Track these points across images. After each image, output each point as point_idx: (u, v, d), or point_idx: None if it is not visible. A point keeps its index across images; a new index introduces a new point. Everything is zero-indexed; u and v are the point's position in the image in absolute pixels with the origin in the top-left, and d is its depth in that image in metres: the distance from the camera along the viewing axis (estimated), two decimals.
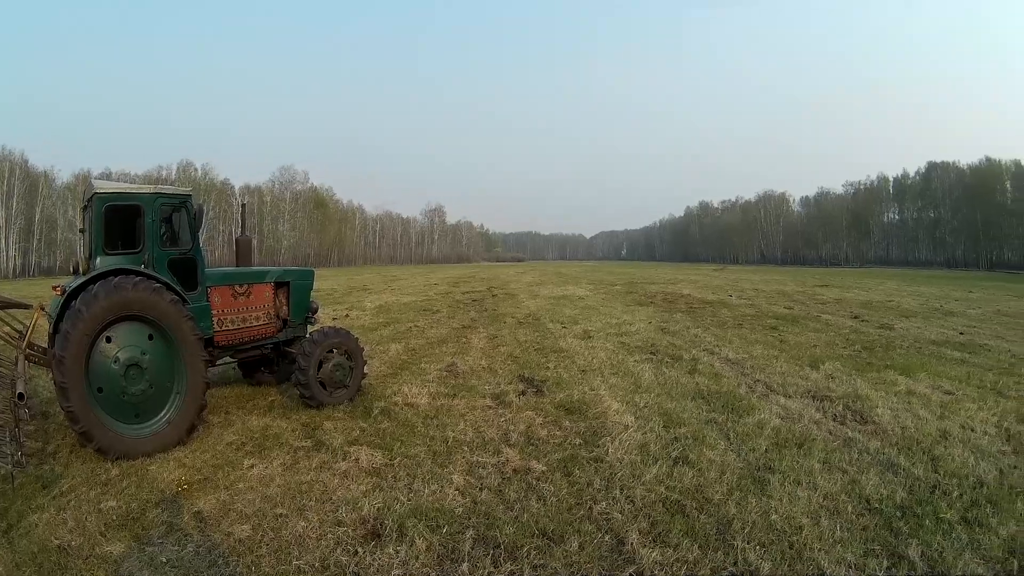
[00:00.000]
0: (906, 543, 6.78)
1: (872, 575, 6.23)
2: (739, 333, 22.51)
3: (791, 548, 6.68)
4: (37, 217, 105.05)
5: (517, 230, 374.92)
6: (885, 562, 6.45)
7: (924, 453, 9.45)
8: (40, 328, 12.42)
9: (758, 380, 14.51)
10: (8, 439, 9.59)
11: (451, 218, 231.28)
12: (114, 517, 7.93)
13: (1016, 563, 6.52)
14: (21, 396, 9.60)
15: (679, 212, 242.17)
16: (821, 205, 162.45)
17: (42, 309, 12.01)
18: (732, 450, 9.75)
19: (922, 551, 6.66)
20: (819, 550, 6.62)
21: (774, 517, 7.36)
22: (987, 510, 7.62)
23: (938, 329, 23.60)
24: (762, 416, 11.36)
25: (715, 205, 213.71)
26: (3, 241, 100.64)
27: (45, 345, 12.07)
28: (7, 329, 12.97)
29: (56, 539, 7.34)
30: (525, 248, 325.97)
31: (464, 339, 22.23)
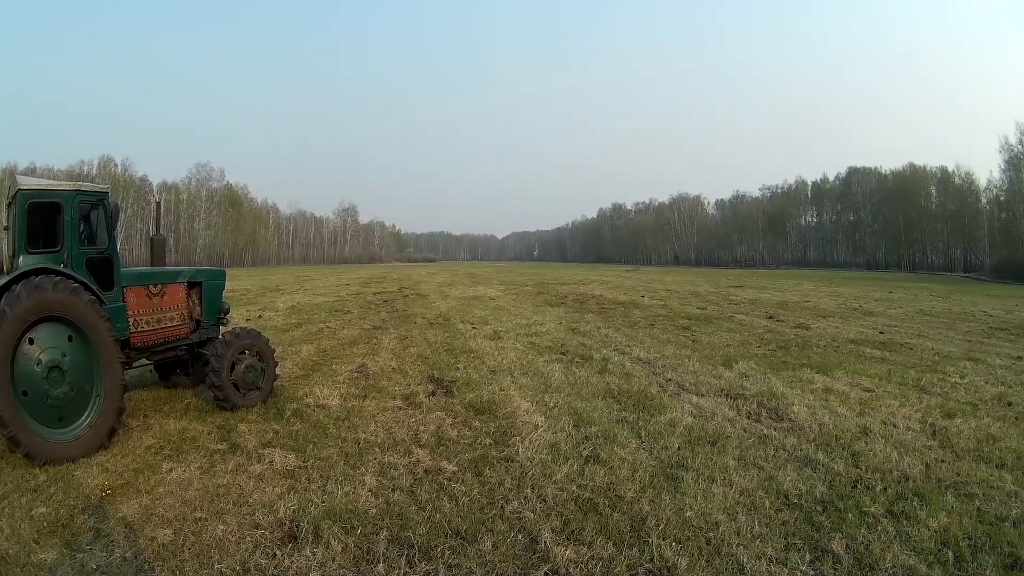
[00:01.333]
0: (829, 537, 6.84)
1: (795, 569, 6.21)
2: (651, 333, 22.88)
3: (708, 544, 6.71)
4: None
5: (429, 230, 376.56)
6: (808, 555, 6.49)
7: (844, 449, 9.59)
8: None
9: (670, 379, 14.70)
10: None
11: (364, 218, 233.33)
12: (45, 524, 7.87)
13: (951, 553, 6.60)
14: None
15: (592, 214, 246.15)
16: (736, 207, 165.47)
17: None
18: (644, 448, 9.86)
19: (846, 544, 6.72)
20: (737, 545, 6.66)
21: (689, 514, 7.40)
22: (914, 503, 7.73)
23: (857, 328, 24.14)
24: (674, 415, 11.47)
25: (628, 207, 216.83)
26: None
27: None
28: None
29: None
30: (437, 248, 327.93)
31: (375, 340, 22.43)
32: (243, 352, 12.97)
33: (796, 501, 7.73)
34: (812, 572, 6.22)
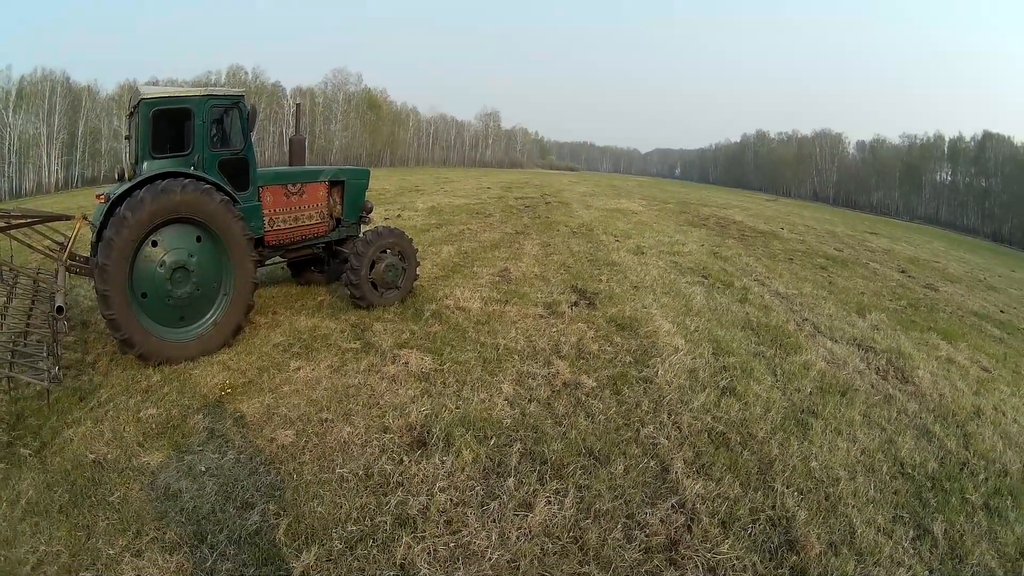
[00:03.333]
0: (932, 517, 6.79)
1: (898, 543, 6.23)
2: (789, 268, 22.15)
3: (827, 500, 6.77)
4: (80, 130, 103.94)
5: (572, 139, 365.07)
6: (911, 532, 6.50)
7: (958, 427, 9.32)
8: (83, 238, 12.33)
9: (806, 319, 14.40)
10: (45, 354, 9.45)
11: (506, 124, 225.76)
12: (153, 425, 8.01)
13: None
14: (60, 309, 9.42)
15: (735, 137, 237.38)
16: (877, 152, 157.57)
17: (84, 219, 11.83)
18: (778, 387, 9.78)
19: (945, 529, 6.65)
20: (852, 507, 6.69)
21: (814, 464, 7.45)
22: (1008, 501, 7.48)
23: (980, 301, 23.05)
24: (809, 357, 11.30)
25: (771, 135, 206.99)
26: (45, 157, 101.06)
27: (87, 255, 12.02)
28: (47, 243, 13.23)
29: (91, 453, 7.38)
30: (579, 158, 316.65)
31: (517, 245, 21.90)
32: (384, 251, 12.91)
33: (910, 472, 7.68)
34: (912, 551, 6.21)
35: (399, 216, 28.93)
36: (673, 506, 6.42)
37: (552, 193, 52.90)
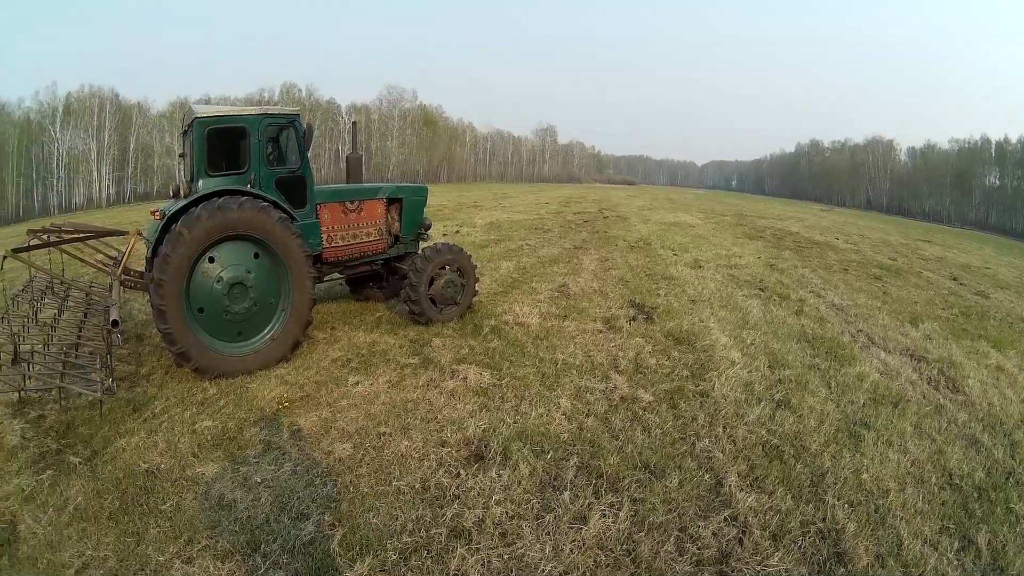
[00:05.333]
0: (977, 528, 6.65)
1: (943, 554, 6.16)
2: (844, 278, 21.98)
3: (876, 512, 6.69)
4: (132, 146, 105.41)
5: (628, 153, 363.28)
6: (956, 544, 6.37)
7: (1005, 436, 9.15)
8: (137, 253, 12.65)
9: (861, 330, 14.30)
10: (99, 366, 9.46)
11: (563, 138, 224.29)
12: (208, 437, 8.09)
13: None
14: (115, 323, 9.43)
15: (790, 147, 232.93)
16: (927, 157, 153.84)
17: (139, 234, 11.96)
18: (832, 399, 9.70)
19: (989, 539, 6.51)
20: (901, 519, 6.62)
21: (865, 476, 7.38)
22: None
23: None
24: (862, 368, 11.20)
25: (825, 144, 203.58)
26: (95, 172, 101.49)
27: (142, 270, 12.36)
28: (100, 257, 13.39)
29: (144, 463, 7.43)
30: (636, 172, 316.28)
31: (575, 260, 22.01)
32: (443, 267, 12.97)
33: (957, 483, 7.57)
34: (956, 562, 6.12)
35: (458, 232, 29.30)
36: (726, 519, 6.42)
37: (610, 207, 53.14)
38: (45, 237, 12.77)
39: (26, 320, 11.69)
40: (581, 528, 6.26)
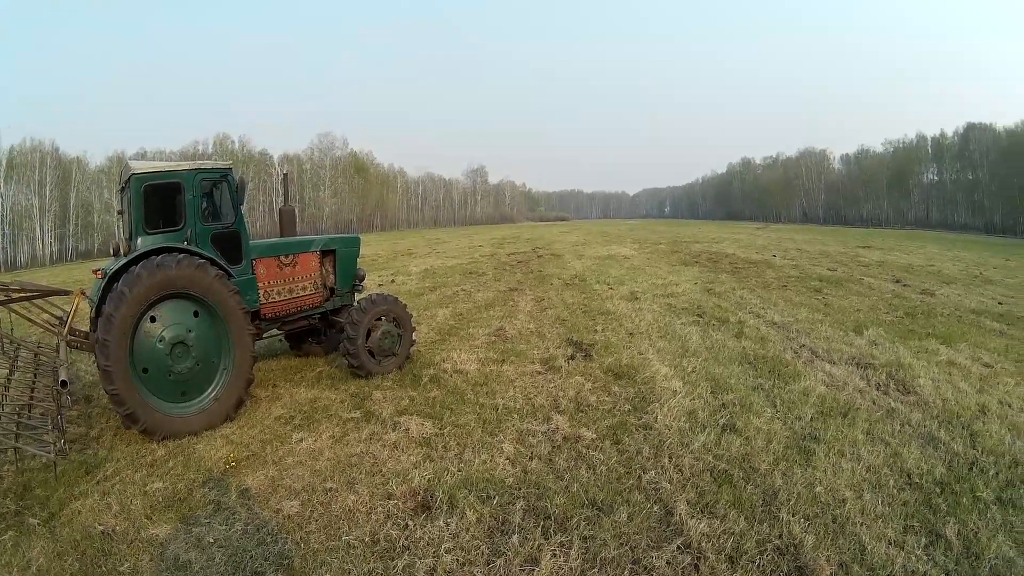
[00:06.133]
0: (944, 521, 6.76)
1: (911, 553, 6.19)
2: (784, 295, 22.34)
3: (834, 522, 6.71)
4: (72, 202, 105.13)
5: (560, 188, 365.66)
6: (923, 540, 6.46)
7: (963, 428, 9.36)
8: (82, 313, 12.48)
9: (803, 345, 14.45)
10: (50, 427, 9.55)
11: (493, 178, 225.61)
12: (160, 499, 8.04)
13: None
14: (64, 383, 9.48)
15: (721, 168, 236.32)
16: (862, 163, 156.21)
17: (83, 294, 12.08)
18: (779, 418, 9.79)
19: (958, 530, 6.62)
20: (861, 525, 6.66)
21: (819, 489, 7.41)
22: (1021, 490, 7.53)
23: (978, 298, 23.08)
24: (808, 383, 11.35)
25: (757, 162, 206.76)
26: (38, 229, 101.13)
27: (87, 330, 12.28)
28: (46, 316, 13.28)
29: (100, 525, 7.41)
30: (568, 207, 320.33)
31: (511, 302, 22.19)
32: (379, 318, 13.00)
33: (917, 481, 7.68)
34: (925, 557, 6.17)
35: (393, 281, 29.57)
36: (679, 547, 6.41)
37: (543, 246, 53.67)
38: None
39: None
40: (533, 570, 6.26)
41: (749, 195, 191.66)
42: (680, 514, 6.90)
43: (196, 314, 10.61)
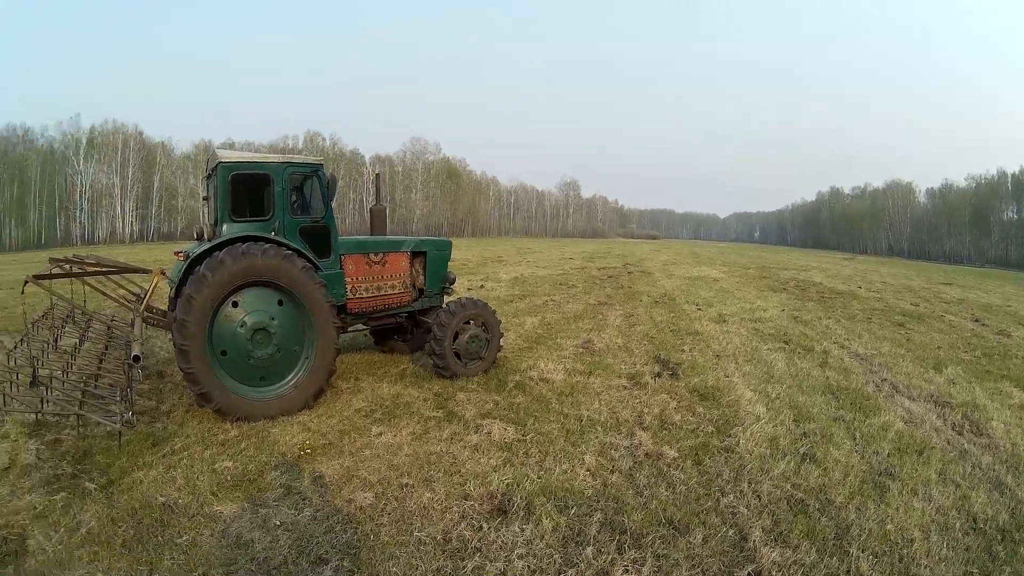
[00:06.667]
0: (1000, 570, 6.58)
1: None
2: (868, 327, 21.69)
3: (900, 561, 6.56)
4: (156, 185, 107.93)
5: (651, 206, 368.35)
6: None
7: None
8: (160, 292, 12.89)
9: (885, 379, 14.08)
10: (119, 398, 9.72)
11: (586, 192, 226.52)
12: (228, 477, 8.14)
13: None
14: (136, 358, 9.80)
15: (811, 196, 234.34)
16: (945, 198, 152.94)
17: (162, 274, 12.29)
18: (857, 451, 9.56)
19: None
20: (925, 567, 6.49)
21: (889, 527, 7.24)
22: None
23: None
24: (887, 418, 11.07)
25: (846, 191, 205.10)
26: (119, 208, 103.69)
27: (164, 309, 12.90)
28: (122, 292, 13.61)
29: (161, 496, 7.51)
30: (659, 226, 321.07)
31: (600, 315, 21.97)
32: (468, 322, 12.96)
33: (982, 526, 7.46)
34: None
35: (482, 287, 29.58)
36: (749, 574, 6.32)
37: (634, 262, 53.39)
38: (68, 267, 13.17)
39: (45, 346, 12.35)
40: None
41: (837, 224, 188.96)
42: (754, 540, 6.80)
43: (280, 303, 10.72)
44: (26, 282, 10.36)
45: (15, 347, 11.94)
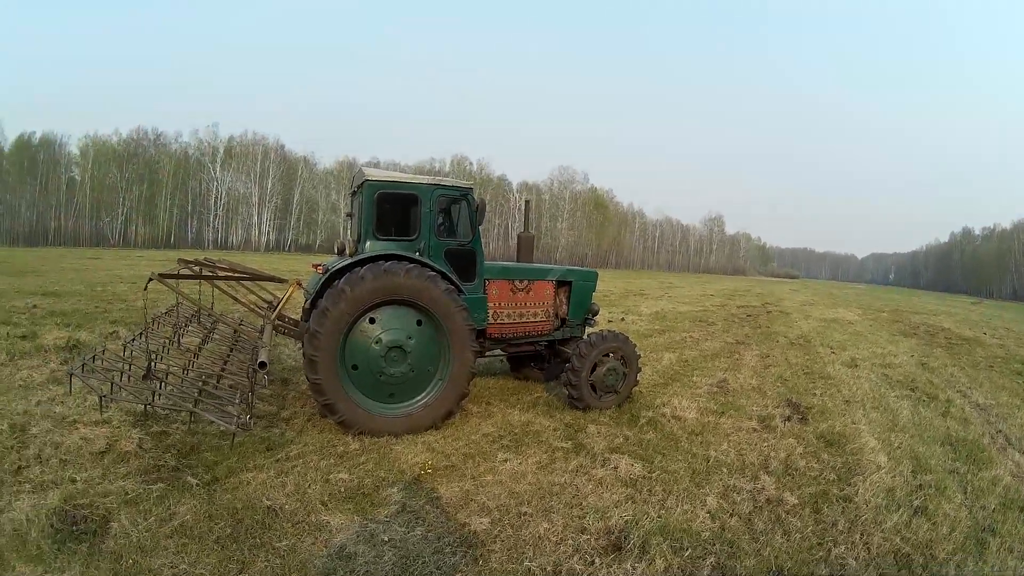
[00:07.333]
0: None
1: None
2: (989, 376, 20.94)
3: None
4: (296, 198, 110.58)
5: (792, 245, 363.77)
6: None
7: None
8: (294, 302, 13.15)
9: (1000, 430, 13.65)
10: (238, 400, 9.73)
11: (730, 228, 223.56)
12: (342, 489, 8.13)
13: None
14: (263, 364, 9.36)
15: (944, 237, 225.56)
16: None
17: (299, 284, 12.14)
18: (966, 505, 9.30)
19: None
20: None
21: None
22: None
23: None
24: (997, 472, 10.74)
25: (976, 232, 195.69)
26: (255, 216, 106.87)
27: (296, 319, 13.10)
28: (252, 298, 13.89)
29: (267, 500, 7.58)
30: (799, 264, 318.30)
31: (737, 355, 21.62)
32: (607, 355, 12.64)
33: None
34: None
35: (623, 320, 29.20)
36: None
37: (773, 302, 52.57)
38: (197, 269, 13.38)
39: (166, 342, 12.51)
40: None
41: (967, 268, 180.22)
42: None
43: (419, 323, 10.64)
44: (150, 279, 10.13)
45: (132, 339, 12.08)
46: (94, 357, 10.43)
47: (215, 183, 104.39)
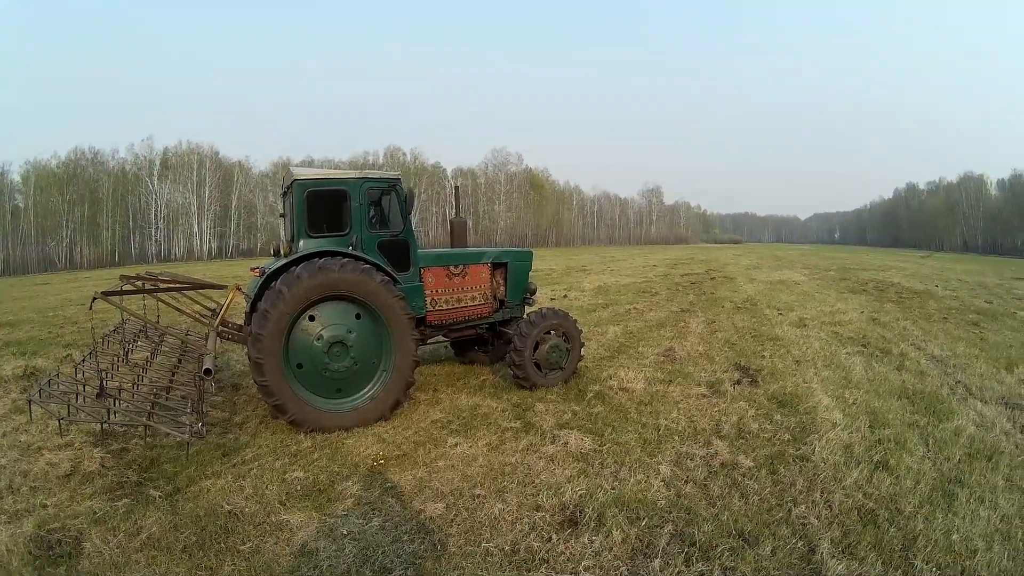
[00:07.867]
0: None
1: None
2: (944, 328, 21.00)
3: (962, 573, 6.36)
4: (233, 203, 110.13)
5: (733, 211, 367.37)
6: None
7: None
8: (236, 307, 13.09)
9: (959, 381, 13.58)
10: (189, 410, 9.75)
11: (668, 199, 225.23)
12: (298, 487, 8.09)
13: None
14: (208, 371, 9.50)
15: (888, 193, 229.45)
16: (1015, 189, 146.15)
17: (238, 289, 12.27)
18: (929, 457, 9.20)
19: None
20: None
21: (955, 537, 6.96)
22: None
23: None
24: (959, 422, 10.64)
25: (921, 187, 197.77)
26: (196, 226, 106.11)
27: (240, 323, 12.82)
28: (196, 308, 13.69)
29: (227, 504, 7.52)
30: (742, 230, 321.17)
31: (682, 323, 21.55)
32: (548, 332, 12.68)
33: None
34: None
35: (566, 296, 29.57)
36: None
37: (717, 268, 53.08)
38: (139, 284, 13.29)
39: (115, 359, 12.28)
40: None
41: (914, 222, 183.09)
42: (822, 553, 6.60)
43: (358, 316, 10.64)
44: (94, 298, 10.27)
45: (83, 360, 12.04)
46: (49, 382, 10.48)
47: (154, 196, 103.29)
